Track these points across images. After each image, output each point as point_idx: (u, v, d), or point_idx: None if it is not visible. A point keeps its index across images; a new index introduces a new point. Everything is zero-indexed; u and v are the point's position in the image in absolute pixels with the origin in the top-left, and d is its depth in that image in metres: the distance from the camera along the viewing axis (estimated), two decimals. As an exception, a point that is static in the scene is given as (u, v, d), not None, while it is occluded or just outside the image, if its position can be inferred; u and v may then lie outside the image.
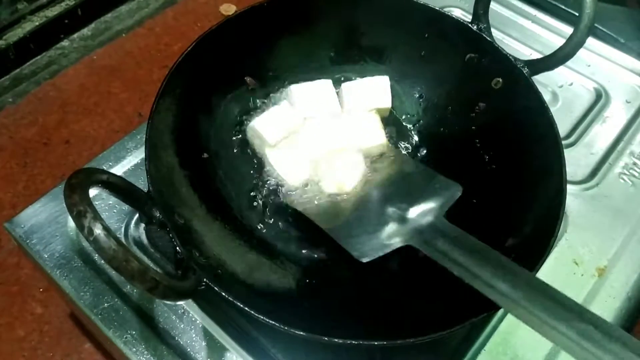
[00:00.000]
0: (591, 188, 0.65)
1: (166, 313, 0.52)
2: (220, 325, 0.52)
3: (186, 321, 0.52)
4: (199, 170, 0.52)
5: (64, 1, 1.28)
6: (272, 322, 0.38)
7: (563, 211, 0.44)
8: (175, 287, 0.36)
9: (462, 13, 0.81)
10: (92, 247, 0.32)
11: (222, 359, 0.50)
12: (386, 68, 0.61)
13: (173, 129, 0.49)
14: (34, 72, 1.23)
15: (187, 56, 0.51)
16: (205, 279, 0.39)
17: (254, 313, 0.38)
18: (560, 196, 0.45)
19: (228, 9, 1.38)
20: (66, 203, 0.33)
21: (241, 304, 0.38)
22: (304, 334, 0.38)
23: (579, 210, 0.62)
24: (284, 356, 0.50)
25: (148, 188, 0.42)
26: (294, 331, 0.38)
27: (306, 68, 0.61)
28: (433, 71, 0.59)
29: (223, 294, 0.39)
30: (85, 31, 1.32)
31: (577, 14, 0.50)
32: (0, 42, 1.20)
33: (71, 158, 1.09)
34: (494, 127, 0.55)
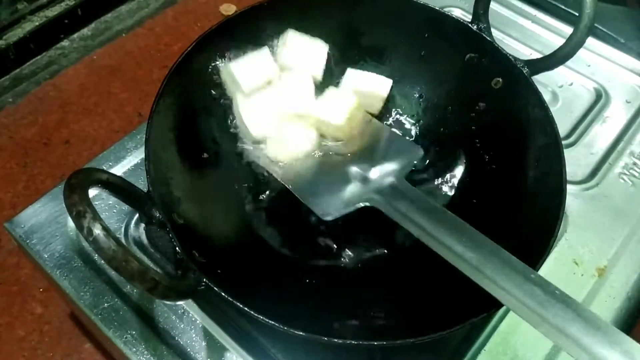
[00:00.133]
0: (591, 188, 0.64)
1: (166, 313, 0.52)
2: (220, 325, 0.52)
3: (186, 321, 0.52)
4: (199, 170, 0.52)
5: (64, 1, 1.28)
6: (272, 322, 0.38)
7: (563, 211, 0.44)
8: (175, 287, 0.36)
9: (462, 13, 0.81)
10: (92, 247, 0.32)
11: (222, 359, 0.50)
12: (386, 68, 0.61)
13: (173, 129, 0.50)
14: (34, 72, 1.23)
15: (187, 56, 0.51)
16: (205, 279, 0.39)
17: (254, 313, 0.38)
18: (560, 196, 0.45)
19: (228, 9, 1.38)
20: (66, 203, 0.33)
21: (241, 304, 0.38)
22: (304, 334, 0.38)
23: (579, 210, 0.62)
24: (284, 356, 0.50)
25: (148, 188, 0.42)
26: (294, 331, 0.38)
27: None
28: (433, 71, 0.59)
29: (223, 294, 0.39)
30: (85, 31, 1.32)
31: (577, 14, 0.50)
32: (0, 42, 1.20)
33: (71, 158, 1.09)
34: (494, 127, 0.55)
